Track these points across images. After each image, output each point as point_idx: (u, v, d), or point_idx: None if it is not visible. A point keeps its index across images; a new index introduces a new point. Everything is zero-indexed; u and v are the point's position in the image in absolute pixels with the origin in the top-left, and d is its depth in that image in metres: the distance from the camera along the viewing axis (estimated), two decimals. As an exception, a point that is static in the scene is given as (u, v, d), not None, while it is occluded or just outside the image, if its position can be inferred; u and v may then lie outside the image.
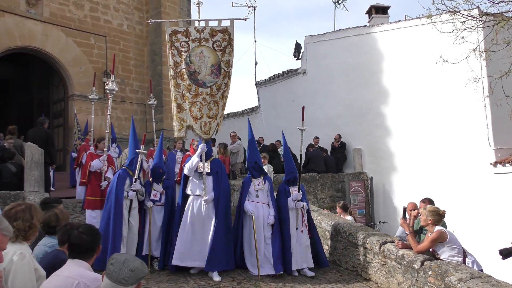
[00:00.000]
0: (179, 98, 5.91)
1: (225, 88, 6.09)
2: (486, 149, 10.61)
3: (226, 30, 6.04)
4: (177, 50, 5.91)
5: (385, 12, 15.90)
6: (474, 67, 9.49)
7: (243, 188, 6.32)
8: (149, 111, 16.55)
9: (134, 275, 2.25)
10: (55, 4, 14.18)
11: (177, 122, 5.93)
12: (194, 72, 5.91)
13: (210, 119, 6.01)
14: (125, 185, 6.22)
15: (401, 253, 5.20)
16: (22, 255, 2.68)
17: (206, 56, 5.95)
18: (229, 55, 6.07)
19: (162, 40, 16.43)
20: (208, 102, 5.97)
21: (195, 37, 5.93)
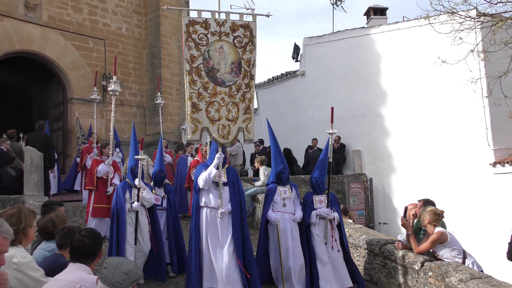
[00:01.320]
0: (194, 96, 5.30)
1: (246, 89, 5.52)
2: (485, 150, 10.62)
3: (248, 26, 5.54)
4: (194, 43, 5.30)
5: (383, 14, 15.93)
6: (473, 68, 9.50)
7: (268, 197, 5.76)
8: (148, 114, 16.58)
9: (128, 278, 2.25)
10: (54, 8, 14.19)
11: (191, 123, 5.30)
12: (212, 68, 5.36)
13: (229, 122, 5.43)
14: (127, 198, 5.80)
15: (401, 254, 5.20)
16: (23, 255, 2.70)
17: (226, 52, 5.43)
18: (250, 53, 5.54)
19: (161, 43, 16.47)
20: (227, 103, 5.42)
21: (215, 30, 5.37)
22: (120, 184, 5.94)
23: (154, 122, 16.49)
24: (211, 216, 5.30)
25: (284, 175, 5.83)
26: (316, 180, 5.83)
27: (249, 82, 5.55)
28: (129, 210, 5.63)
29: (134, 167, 5.90)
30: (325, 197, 5.74)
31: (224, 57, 5.42)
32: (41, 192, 8.04)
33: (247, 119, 5.57)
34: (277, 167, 5.86)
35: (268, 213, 5.66)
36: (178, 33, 17.42)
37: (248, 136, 5.57)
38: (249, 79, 5.55)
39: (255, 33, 5.61)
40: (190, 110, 5.32)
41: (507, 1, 7.68)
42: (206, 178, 5.29)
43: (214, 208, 5.30)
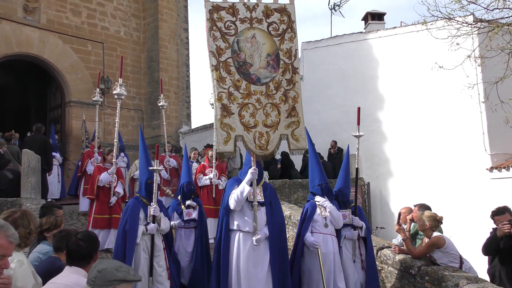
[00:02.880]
0: (224, 97, 4.34)
1: (289, 86, 4.57)
2: (482, 155, 10.66)
3: (285, 9, 4.65)
4: (220, 32, 4.40)
5: (381, 19, 16.01)
6: (470, 73, 9.56)
7: (306, 215, 4.88)
8: (146, 117, 16.58)
9: (101, 276, 2.17)
10: (52, 11, 14.22)
11: (222, 130, 4.30)
12: (244, 63, 4.46)
13: (268, 128, 4.42)
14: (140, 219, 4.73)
15: (398, 259, 5.21)
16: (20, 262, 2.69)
17: (260, 43, 4.51)
18: (291, 42, 4.62)
19: (159, 47, 16.51)
20: (264, 105, 4.47)
21: (245, 16, 4.50)
22: (132, 201, 4.84)
23: (152, 126, 16.50)
24: (244, 243, 4.33)
25: (322, 191, 5.00)
26: (341, 194, 5.18)
27: (292, 77, 4.62)
28: (144, 233, 4.63)
29: (150, 181, 4.81)
30: (349, 212, 5.10)
31: (257, 48, 4.53)
32: (38, 195, 8.02)
33: (293, 123, 4.58)
34: (315, 181, 5.03)
35: (305, 235, 4.77)
36: (176, 37, 17.47)
37: (296, 144, 4.57)
38: (292, 73, 4.62)
39: (294, 18, 4.70)
40: (220, 113, 4.31)
41: (503, 7, 7.74)
42: (238, 197, 4.34)
43: (248, 233, 4.35)
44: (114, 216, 6.91)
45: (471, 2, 7.77)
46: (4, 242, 2.25)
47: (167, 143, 10.19)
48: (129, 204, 4.80)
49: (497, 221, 4.47)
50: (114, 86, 7.09)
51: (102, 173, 7.02)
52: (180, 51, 17.66)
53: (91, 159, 9.40)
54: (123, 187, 7.29)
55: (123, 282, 2.19)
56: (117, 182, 7.13)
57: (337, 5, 17.75)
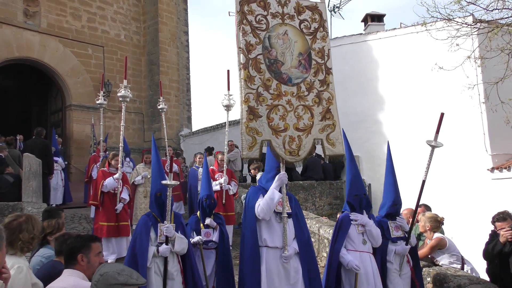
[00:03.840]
0: (252, 98, 3.96)
1: (322, 87, 4.29)
2: (483, 155, 10.65)
3: (316, 8, 4.44)
4: (250, 27, 4.05)
5: (380, 20, 16.03)
6: (470, 74, 9.56)
7: (340, 229, 4.32)
8: (146, 120, 16.61)
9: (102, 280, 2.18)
10: (53, 15, 14.27)
11: (247, 134, 3.91)
12: (276, 61, 4.12)
13: (299, 132, 4.10)
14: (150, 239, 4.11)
15: (399, 260, 5.20)
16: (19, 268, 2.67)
17: (292, 40, 4.22)
18: (323, 41, 4.39)
19: (159, 50, 16.54)
20: (295, 107, 4.14)
21: (276, 11, 4.21)
22: (142, 218, 4.26)
23: (153, 129, 16.52)
24: (273, 260, 3.88)
25: (361, 202, 4.42)
26: (395, 209, 4.61)
27: (326, 77, 4.35)
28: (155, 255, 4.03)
29: (159, 193, 4.21)
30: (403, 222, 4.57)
31: (289, 46, 4.21)
32: (39, 199, 8.02)
33: (328, 126, 4.27)
34: (352, 191, 4.45)
35: (342, 253, 4.17)
36: (176, 40, 17.50)
37: (332, 150, 4.24)
38: (325, 73, 4.35)
39: (326, 17, 4.51)
40: (246, 117, 3.94)
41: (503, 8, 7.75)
42: (268, 204, 3.84)
43: (276, 249, 3.91)
44: (121, 223, 6.64)
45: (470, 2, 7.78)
46: None
47: (168, 147, 10.02)
48: (139, 221, 4.25)
49: (499, 227, 4.45)
50: (119, 88, 6.87)
51: (107, 178, 6.68)
52: (180, 54, 17.69)
53: (97, 164, 9.25)
54: (128, 192, 7.00)
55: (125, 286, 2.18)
56: (123, 187, 6.80)
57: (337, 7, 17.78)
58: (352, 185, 4.48)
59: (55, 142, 11.51)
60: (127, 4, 16.58)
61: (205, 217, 4.80)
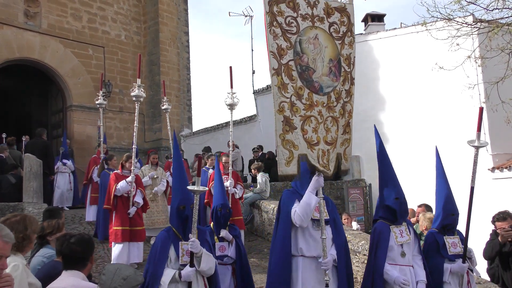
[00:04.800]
0: (286, 107, 3.58)
1: (347, 98, 3.95)
2: (483, 155, 10.64)
3: (345, 9, 4.03)
4: (280, 29, 3.66)
5: (380, 20, 16.02)
6: (470, 74, 9.56)
7: (379, 240, 3.88)
8: (147, 121, 16.62)
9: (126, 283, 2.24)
10: (53, 16, 14.28)
11: (284, 148, 3.53)
12: (307, 68, 3.71)
13: (328, 146, 3.73)
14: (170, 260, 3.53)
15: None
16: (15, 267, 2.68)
17: (323, 45, 3.81)
18: (350, 48, 4.00)
19: (160, 50, 16.56)
20: (325, 119, 3.74)
21: (306, 13, 3.79)
22: (160, 235, 3.67)
23: (154, 129, 16.54)
24: (311, 270, 3.56)
25: (401, 208, 3.94)
26: (453, 219, 4.18)
27: (350, 88, 4.00)
28: (176, 280, 3.42)
29: (183, 206, 3.62)
30: (458, 240, 4.14)
31: (320, 51, 3.80)
32: (40, 200, 8.04)
33: (346, 141, 3.96)
34: (388, 195, 3.99)
35: (386, 269, 3.73)
36: (177, 40, 17.52)
37: (345, 165, 3.92)
38: (350, 83, 4.00)
39: (353, 20, 4.10)
40: (282, 128, 3.54)
41: (503, 8, 7.76)
42: (305, 209, 3.49)
43: (313, 258, 3.57)
44: (134, 228, 6.45)
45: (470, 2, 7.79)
46: None
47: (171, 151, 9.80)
48: (157, 239, 3.65)
49: (499, 227, 4.46)
50: (132, 87, 6.66)
51: (120, 181, 6.46)
52: (180, 54, 17.71)
53: (97, 166, 9.10)
54: (142, 195, 6.76)
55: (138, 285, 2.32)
56: (136, 191, 6.59)
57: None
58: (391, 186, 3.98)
59: (65, 144, 11.36)
60: (128, 5, 16.60)
61: (219, 228, 4.27)
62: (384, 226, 3.90)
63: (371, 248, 3.91)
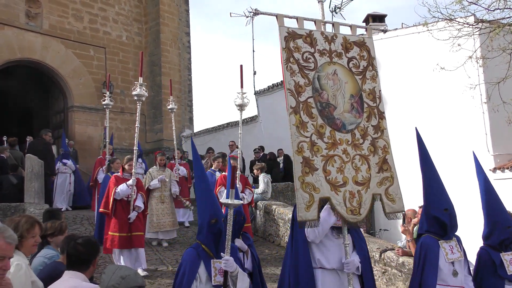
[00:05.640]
0: (306, 147, 3.42)
1: (376, 134, 3.77)
2: (485, 155, 10.62)
3: (364, 44, 4.04)
4: (298, 65, 3.60)
5: (382, 21, 16.02)
6: (471, 74, 9.55)
7: (426, 257, 3.55)
8: (148, 121, 16.63)
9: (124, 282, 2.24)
10: (55, 17, 14.31)
11: (304, 191, 3.33)
12: (327, 104, 3.61)
13: (359, 186, 3.54)
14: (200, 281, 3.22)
15: (401, 261, 5.21)
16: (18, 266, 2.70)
17: (342, 81, 3.74)
18: (373, 82, 3.94)
19: (161, 51, 16.57)
20: (352, 157, 3.58)
21: (324, 48, 3.76)
22: (188, 252, 3.34)
23: (155, 130, 16.55)
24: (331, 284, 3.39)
25: (451, 220, 3.64)
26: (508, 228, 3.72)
27: (379, 123, 3.84)
28: None
29: (215, 220, 3.32)
30: None
31: (340, 87, 3.72)
32: (41, 200, 8.05)
33: (386, 179, 3.76)
34: (435, 206, 3.74)
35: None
36: (178, 41, 17.53)
37: (392, 206, 3.71)
38: (378, 118, 3.84)
39: (374, 54, 4.13)
40: (301, 170, 3.36)
41: (504, 8, 7.74)
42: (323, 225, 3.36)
43: (333, 271, 3.40)
44: (135, 233, 6.11)
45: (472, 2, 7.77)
46: (2, 243, 2.28)
47: (177, 149, 9.57)
48: (184, 257, 3.31)
49: None
50: (134, 86, 6.43)
51: (120, 184, 6.14)
52: (182, 55, 17.72)
53: (102, 167, 9.04)
54: (143, 200, 6.41)
55: None
56: (137, 194, 6.24)
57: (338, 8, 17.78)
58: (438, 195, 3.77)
59: (65, 144, 11.35)
60: (129, 5, 16.62)
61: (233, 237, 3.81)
62: (432, 241, 3.53)
63: (416, 267, 3.59)
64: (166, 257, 7.27)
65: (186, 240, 8.48)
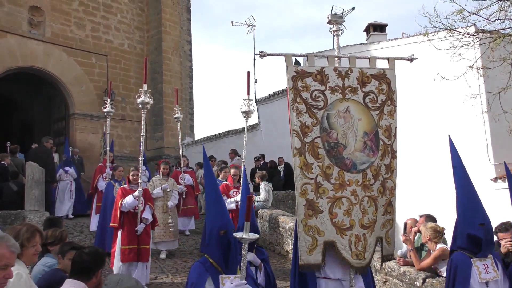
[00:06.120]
0: (310, 190, 3.31)
1: (387, 174, 3.62)
2: (486, 165, 10.61)
3: (384, 76, 3.84)
4: (305, 105, 3.45)
5: (383, 30, 16.11)
6: (472, 84, 9.57)
7: (456, 276, 3.34)
8: (149, 129, 16.63)
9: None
10: (57, 25, 14.40)
11: (306, 234, 3.24)
12: (336, 144, 3.45)
13: (364, 230, 3.39)
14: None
15: (402, 270, 5.18)
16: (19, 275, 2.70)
17: (355, 118, 3.54)
18: (390, 117, 3.69)
19: (162, 59, 16.64)
20: (361, 199, 3.42)
21: (336, 85, 3.56)
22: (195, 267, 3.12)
23: (155, 137, 16.56)
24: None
25: (487, 236, 3.37)
26: None
27: (391, 162, 3.66)
28: None
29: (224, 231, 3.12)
30: None
31: (352, 125, 3.52)
32: (42, 208, 8.04)
33: (388, 222, 3.62)
34: (469, 220, 3.47)
35: None
36: (179, 49, 17.61)
37: (388, 249, 3.59)
38: (391, 158, 3.66)
39: (395, 86, 3.85)
40: (304, 212, 3.26)
41: (505, 18, 7.79)
42: None
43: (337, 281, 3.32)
44: (142, 247, 5.92)
45: (472, 13, 7.81)
46: (5, 252, 2.28)
47: (183, 156, 9.45)
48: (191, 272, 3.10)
49: (501, 238, 4.43)
50: (138, 93, 6.24)
51: (127, 196, 5.94)
52: (183, 63, 17.79)
53: (102, 174, 8.96)
54: (151, 211, 6.18)
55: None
56: (145, 206, 6.03)
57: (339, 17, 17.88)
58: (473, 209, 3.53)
59: (67, 151, 11.25)
60: (131, 14, 16.73)
61: None
62: (464, 258, 3.28)
63: (449, 284, 3.36)
64: (166, 266, 7.24)
65: (186, 248, 8.45)
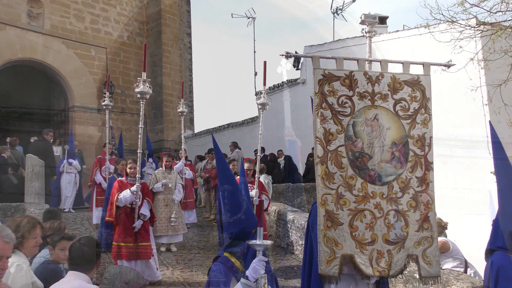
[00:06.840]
0: (330, 200, 3.19)
1: (420, 187, 3.36)
2: (486, 158, 10.61)
3: (418, 82, 3.62)
4: (331, 111, 3.29)
5: (383, 22, 16.03)
6: (473, 76, 9.53)
7: (498, 279, 3.04)
8: (149, 122, 16.63)
9: None
10: (56, 17, 14.33)
11: (325, 245, 3.13)
12: (361, 154, 3.30)
13: (390, 246, 3.22)
14: None
15: (402, 263, 5.18)
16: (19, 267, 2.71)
17: (384, 127, 3.37)
18: (424, 127, 3.46)
19: (162, 51, 16.59)
20: (386, 213, 3.25)
21: (365, 91, 3.41)
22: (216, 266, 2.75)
23: (156, 130, 16.55)
24: None
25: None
26: None
27: (425, 174, 3.40)
28: None
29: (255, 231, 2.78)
30: None
31: (380, 134, 3.36)
32: (42, 200, 8.05)
33: (425, 239, 3.32)
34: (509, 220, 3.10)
35: None
36: (179, 42, 17.54)
37: (428, 270, 3.33)
38: (425, 169, 3.40)
39: (430, 94, 3.58)
40: (323, 223, 3.15)
41: (506, 10, 7.74)
42: None
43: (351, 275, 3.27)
44: (141, 244, 5.60)
45: (474, 5, 7.77)
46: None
47: (183, 149, 9.28)
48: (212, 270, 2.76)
49: None
50: (137, 83, 5.88)
51: (124, 190, 5.56)
52: (183, 56, 17.73)
53: (101, 167, 8.80)
54: (149, 207, 5.81)
55: None
56: (143, 201, 5.65)
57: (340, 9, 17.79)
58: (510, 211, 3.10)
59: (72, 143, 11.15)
60: (130, 6, 16.64)
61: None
62: (506, 259, 3.02)
63: None
64: (166, 258, 7.25)
65: (187, 241, 8.46)
